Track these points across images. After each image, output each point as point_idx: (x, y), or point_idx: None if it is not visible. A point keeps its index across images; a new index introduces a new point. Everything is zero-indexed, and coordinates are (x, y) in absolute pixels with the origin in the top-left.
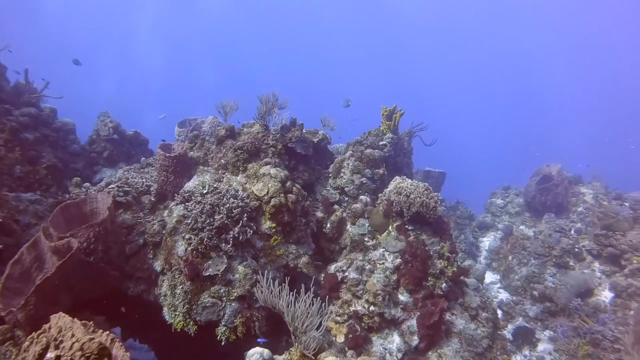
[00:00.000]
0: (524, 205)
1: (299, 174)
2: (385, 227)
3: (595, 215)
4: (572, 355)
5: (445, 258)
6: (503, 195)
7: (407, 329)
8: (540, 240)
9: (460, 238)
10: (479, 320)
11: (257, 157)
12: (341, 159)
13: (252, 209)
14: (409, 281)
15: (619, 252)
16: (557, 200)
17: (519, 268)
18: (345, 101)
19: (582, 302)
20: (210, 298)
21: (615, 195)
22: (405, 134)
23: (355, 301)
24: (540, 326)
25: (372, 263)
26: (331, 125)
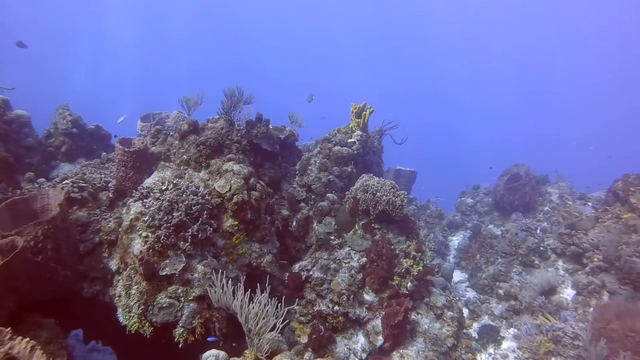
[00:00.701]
0: (493, 204)
1: (265, 171)
2: (351, 225)
3: (560, 214)
4: (535, 352)
5: (411, 257)
6: (473, 194)
7: (372, 329)
8: (507, 239)
9: (429, 237)
10: (444, 320)
11: (221, 153)
12: (308, 156)
13: (213, 206)
14: (374, 280)
15: (582, 250)
16: (524, 199)
17: (486, 267)
18: (309, 96)
19: (546, 300)
20: (167, 298)
21: (580, 195)
22: (375, 132)
23: (320, 301)
24: (505, 324)
25: (337, 262)
26: (299, 122)
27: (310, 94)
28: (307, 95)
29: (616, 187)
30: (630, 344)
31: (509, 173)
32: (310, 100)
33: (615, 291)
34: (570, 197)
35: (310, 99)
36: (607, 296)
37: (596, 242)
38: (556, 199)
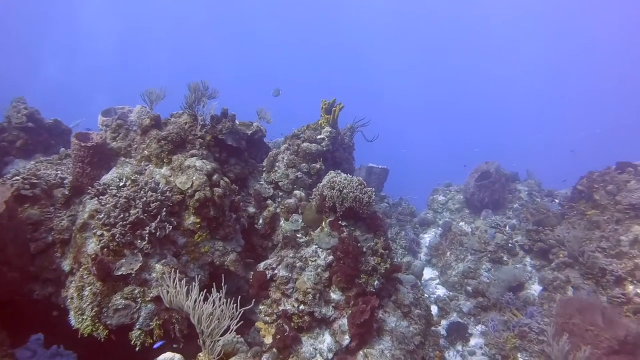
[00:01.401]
0: (464, 201)
1: (230, 167)
2: (318, 222)
3: (528, 211)
4: (501, 348)
5: (378, 254)
6: (444, 191)
7: (338, 328)
8: (477, 236)
9: (401, 234)
10: (412, 317)
11: (183, 148)
12: (275, 152)
13: (174, 203)
14: (340, 279)
15: (548, 246)
16: (494, 197)
17: (456, 264)
18: (275, 91)
19: (514, 296)
20: (123, 300)
21: (548, 192)
22: (346, 129)
23: (285, 300)
24: (473, 321)
25: (303, 260)
26: (267, 117)
27: (276, 88)
28: (273, 90)
29: (581, 184)
30: (590, 337)
31: (479, 170)
32: (276, 95)
33: (579, 286)
34: (539, 194)
35: (276, 93)
36: (572, 291)
37: (562, 238)
38: (525, 196)
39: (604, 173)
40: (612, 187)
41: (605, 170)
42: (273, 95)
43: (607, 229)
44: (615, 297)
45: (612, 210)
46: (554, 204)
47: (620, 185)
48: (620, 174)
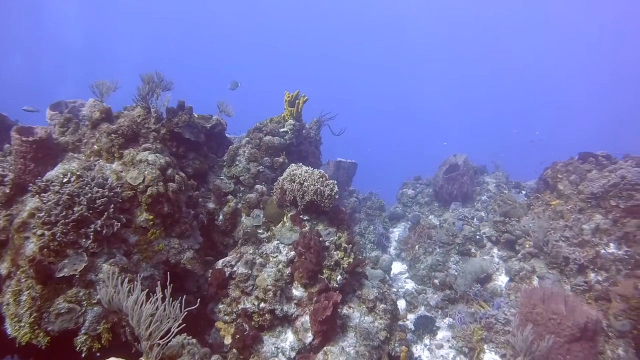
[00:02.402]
0: (433, 195)
1: (189, 162)
2: (280, 217)
3: (496, 203)
4: (468, 340)
5: (342, 249)
6: (414, 185)
7: (301, 326)
8: (445, 229)
9: (369, 229)
10: (377, 313)
11: (136, 142)
12: (236, 146)
13: (124, 199)
14: (302, 275)
15: (514, 237)
16: (462, 189)
17: (425, 257)
18: (232, 84)
19: (482, 287)
20: (66, 303)
21: (515, 184)
22: (313, 122)
23: (245, 298)
24: (440, 314)
25: (264, 256)
26: (228, 110)
27: (234, 81)
28: (230, 83)
29: (546, 175)
30: (552, 326)
31: (447, 163)
32: (234, 88)
33: (544, 276)
34: (506, 186)
35: (234, 86)
36: (537, 281)
37: (527, 228)
38: (493, 188)
39: (568, 163)
40: (575, 177)
41: (569, 160)
42: (230, 88)
43: (571, 219)
44: (578, 285)
45: (575, 199)
46: (520, 195)
47: (582, 175)
48: (583, 163)
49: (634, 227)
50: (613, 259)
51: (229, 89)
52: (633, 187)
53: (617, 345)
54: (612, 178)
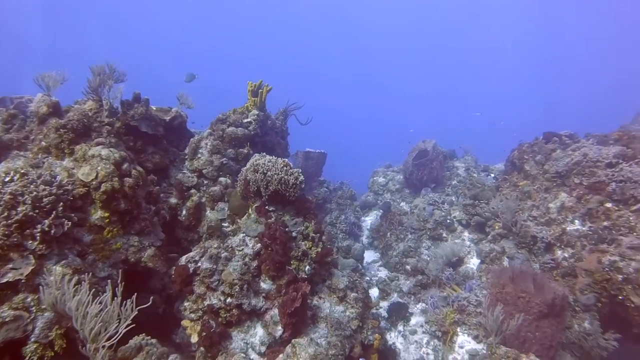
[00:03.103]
0: (404, 181)
1: (148, 157)
2: (245, 209)
3: (465, 186)
4: (441, 324)
5: (309, 239)
6: (384, 173)
7: (270, 319)
8: (416, 215)
9: (340, 219)
10: (348, 302)
11: (88, 137)
12: (198, 138)
13: (76, 197)
14: (269, 267)
15: (484, 219)
16: (432, 174)
17: (397, 244)
18: (188, 76)
19: (454, 271)
20: (11, 311)
21: (484, 167)
22: (279, 113)
23: (210, 294)
24: (413, 300)
25: (229, 250)
26: (188, 102)
27: (190, 73)
28: (186, 75)
29: (513, 157)
30: (522, 304)
31: (417, 149)
32: (190, 80)
33: (513, 256)
34: (475, 169)
35: (189, 78)
36: (507, 261)
37: (496, 210)
38: (463, 172)
39: (533, 144)
40: (540, 157)
41: (534, 141)
42: (186, 81)
43: (538, 198)
44: (545, 263)
45: (541, 179)
46: (489, 177)
47: (547, 154)
48: (547, 143)
49: (596, 203)
50: (578, 236)
51: (184, 81)
52: (595, 164)
53: (583, 319)
54: (575, 156)
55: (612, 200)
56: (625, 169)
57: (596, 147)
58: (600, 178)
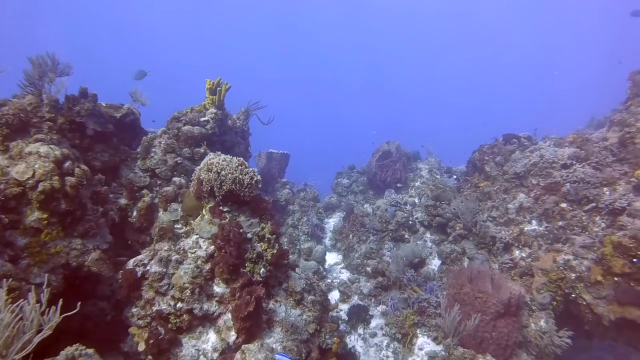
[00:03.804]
0: (367, 183)
1: (96, 155)
2: (198, 210)
3: (428, 188)
4: (401, 326)
5: (265, 240)
6: (348, 174)
7: (223, 324)
8: (378, 216)
9: (303, 220)
10: (305, 305)
11: (26, 133)
12: (151, 137)
13: (8, 197)
14: (223, 269)
15: (445, 220)
16: (396, 176)
17: (359, 246)
18: (138, 73)
19: (416, 272)
20: None
21: (447, 169)
22: (240, 113)
23: (160, 299)
24: (374, 302)
25: (181, 252)
26: (142, 99)
27: (141, 70)
28: (135, 73)
29: (474, 158)
30: (479, 304)
31: (380, 150)
32: (140, 78)
33: (473, 256)
34: (438, 171)
35: (140, 76)
36: (467, 262)
37: (457, 211)
38: (426, 174)
39: (493, 145)
40: (500, 158)
41: (494, 142)
42: (135, 78)
43: (497, 199)
44: (504, 263)
45: (501, 180)
46: (452, 179)
47: (506, 156)
48: (506, 145)
49: (552, 204)
50: (535, 235)
51: (133, 79)
52: (550, 165)
53: (540, 318)
54: (533, 158)
55: (567, 201)
56: (578, 170)
57: (552, 149)
58: (556, 179)
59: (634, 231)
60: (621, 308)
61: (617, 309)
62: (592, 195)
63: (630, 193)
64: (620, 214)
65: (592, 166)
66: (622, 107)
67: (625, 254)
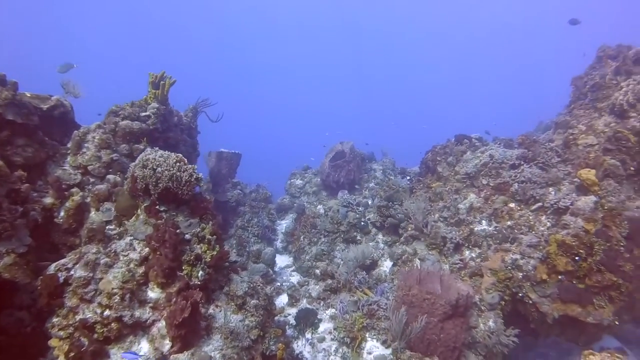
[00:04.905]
0: (321, 184)
1: (17, 150)
2: (133, 210)
3: (382, 188)
4: (350, 330)
5: (206, 241)
6: (302, 175)
7: (157, 332)
8: (330, 217)
9: (253, 222)
10: (247, 309)
11: None
12: (83, 131)
13: None
14: (157, 273)
15: (397, 221)
16: (350, 176)
17: (310, 248)
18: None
19: (367, 274)
20: None
21: (401, 170)
22: (189, 110)
23: (85, 307)
24: (323, 305)
25: (112, 255)
26: (75, 92)
27: (66, 63)
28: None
29: (427, 158)
30: (427, 306)
31: (334, 151)
32: (64, 71)
33: (424, 257)
34: (393, 172)
35: (65, 69)
36: (419, 263)
37: (409, 211)
38: (380, 174)
39: (445, 146)
40: (452, 158)
41: (446, 143)
42: (59, 71)
43: (449, 199)
44: (454, 264)
45: (452, 180)
46: (405, 180)
47: (458, 156)
48: (458, 145)
49: (501, 203)
50: (485, 235)
51: (57, 72)
52: (500, 165)
53: (489, 318)
54: (483, 158)
55: (515, 200)
56: (526, 170)
57: (502, 150)
58: (505, 179)
59: (576, 230)
60: (564, 306)
61: (560, 306)
62: (539, 195)
63: (574, 193)
64: (564, 213)
65: (539, 166)
66: (566, 111)
67: (568, 253)
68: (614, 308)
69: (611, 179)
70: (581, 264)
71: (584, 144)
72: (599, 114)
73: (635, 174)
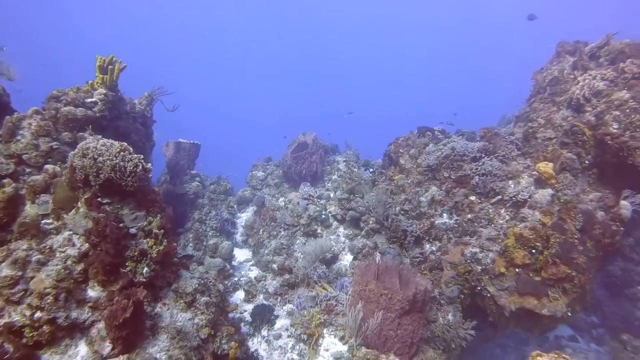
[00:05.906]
0: (283, 176)
1: None
2: (73, 202)
3: (344, 181)
4: (307, 326)
5: (152, 236)
6: (264, 167)
7: (97, 334)
8: (290, 210)
9: (211, 215)
10: (197, 307)
11: None
12: (17, 117)
13: None
14: (97, 270)
15: (359, 214)
16: (312, 168)
17: (269, 241)
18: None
19: (328, 268)
20: None
21: (365, 162)
22: (143, 97)
23: (11, 309)
24: (280, 301)
25: (46, 252)
26: (10, 74)
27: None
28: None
29: (389, 150)
30: (384, 302)
31: (296, 142)
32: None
33: (385, 251)
34: (356, 164)
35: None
36: (379, 257)
37: (370, 204)
38: (344, 167)
39: (407, 138)
40: (414, 150)
41: (409, 135)
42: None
43: (410, 192)
44: (414, 257)
45: (415, 173)
46: (368, 172)
47: (420, 148)
48: (420, 137)
49: (462, 196)
50: (445, 229)
51: None
52: (461, 158)
53: (448, 312)
54: (445, 150)
55: (476, 193)
56: (486, 163)
57: (463, 142)
58: (466, 172)
59: (533, 223)
60: (521, 298)
61: (518, 299)
62: (499, 188)
63: (532, 186)
64: (522, 206)
65: (499, 159)
66: (527, 104)
67: (525, 246)
68: (567, 300)
69: (567, 172)
70: (538, 256)
71: (543, 137)
72: (557, 108)
73: (589, 167)
